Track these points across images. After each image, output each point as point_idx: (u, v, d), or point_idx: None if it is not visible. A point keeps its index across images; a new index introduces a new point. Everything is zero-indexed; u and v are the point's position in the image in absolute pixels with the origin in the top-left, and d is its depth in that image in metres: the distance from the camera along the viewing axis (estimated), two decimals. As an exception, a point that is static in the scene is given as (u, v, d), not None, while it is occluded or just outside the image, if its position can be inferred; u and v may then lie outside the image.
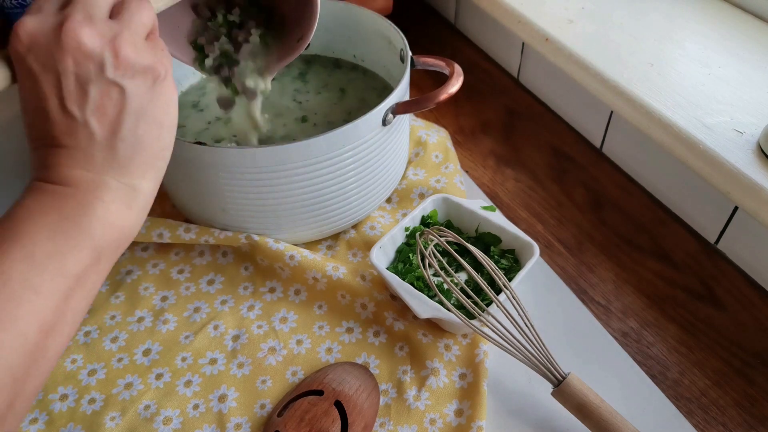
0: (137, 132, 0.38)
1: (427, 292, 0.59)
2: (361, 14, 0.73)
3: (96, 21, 0.36)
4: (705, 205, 0.68)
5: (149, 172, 0.40)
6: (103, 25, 0.36)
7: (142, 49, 0.38)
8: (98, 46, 0.36)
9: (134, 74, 0.37)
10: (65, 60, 0.36)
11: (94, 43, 0.36)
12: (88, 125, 0.37)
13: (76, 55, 0.36)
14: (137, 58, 0.37)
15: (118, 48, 0.36)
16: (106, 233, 0.38)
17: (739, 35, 0.75)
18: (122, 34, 0.37)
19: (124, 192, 0.39)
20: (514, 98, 0.89)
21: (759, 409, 0.55)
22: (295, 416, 0.51)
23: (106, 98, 0.37)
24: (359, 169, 0.61)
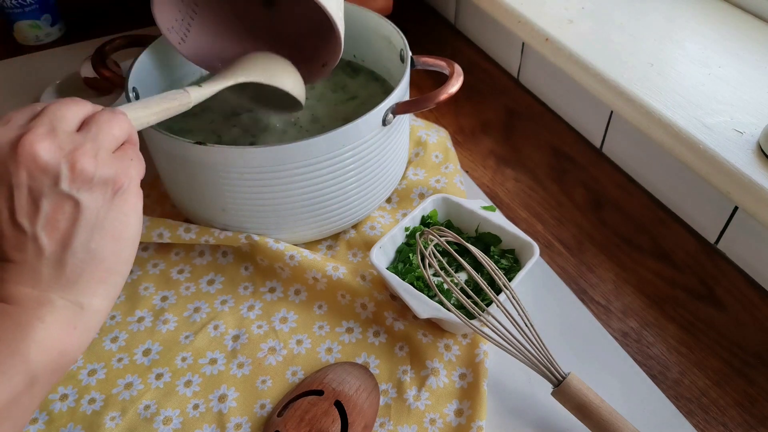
0: (90, 246, 0.37)
1: (427, 292, 0.59)
2: (361, 14, 0.73)
3: (58, 133, 0.36)
4: (705, 205, 0.68)
5: (101, 288, 0.38)
6: (64, 138, 0.36)
7: (104, 160, 0.37)
8: (54, 159, 0.35)
9: (91, 187, 0.36)
10: (19, 172, 0.35)
11: (50, 156, 0.35)
12: (38, 239, 0.36)
13: (30, 168, 0.35)
14: (96, 170, 0.36)
15: (75, 160, 0.35)
16: (44, 357, 0.36)
17: (739, 35, 0.75)
18: (83, 147, 0.36)
19: (70, 311, 0.37)
20: (514, 98, 0.90)
21: (759, 409, 0.55)
22: (295, 416, 0.51)
23: (59, 212, 0.36)
24: (359, 169, 0.61)
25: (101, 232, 0.37)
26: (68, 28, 1.03)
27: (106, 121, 0.38)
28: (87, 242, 0.37)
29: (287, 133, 0.69)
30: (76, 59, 0.88)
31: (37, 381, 0.35)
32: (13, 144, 0.35)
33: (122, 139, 0.39)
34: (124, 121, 0.39)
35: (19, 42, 0.99)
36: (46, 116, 0.36)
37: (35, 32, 0.98)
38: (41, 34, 0.98)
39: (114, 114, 0.39)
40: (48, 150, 0.35)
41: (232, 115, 0.71)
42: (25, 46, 0.99)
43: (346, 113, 0.71)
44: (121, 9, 1.08)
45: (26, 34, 0.98)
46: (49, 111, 0.37)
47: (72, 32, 1.03)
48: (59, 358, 0.36)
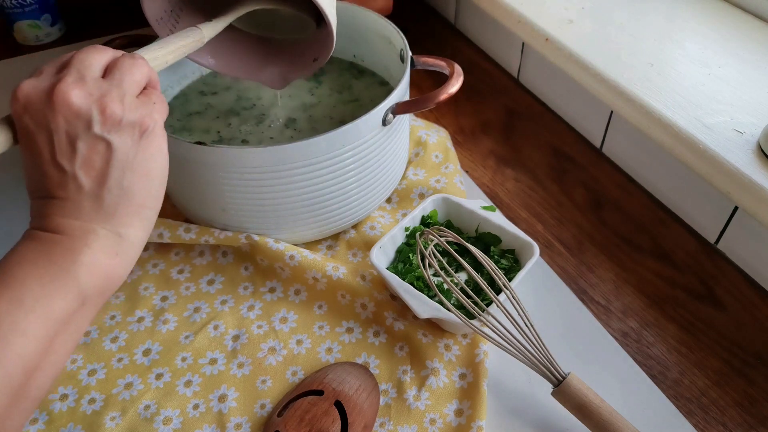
0: (123, 183, 0.41)
1: (427, 292, 0.59)
2: (361, 14, 0.73)
3: (87, 81, 0.39)
4: (705, 205, 0.68)
5: (135, 220, 0.42)
6: (92, 85, 0.39)
7: (130, 104, 0.40)
8: (86, 105, 0.39)
9: (120, 129, 0.40)
10: (56, 118, 0.38)
11: (81, 102, 0.39)
12: (77, 178, 0.39)
13: (65, 114, 0.38)
14: (124, 114, 0.40)
15: (104, 105, 0.39)
16: (92, 279, 0.39)
17: (739, 35, 0.75)
18: (110, 93, 0.39)
19: (111, 239, 0.41)
20: (514, 98, 0.89)
21: (759, 409, 0.55)
22: (295, 416, 0.51)
23: (94, 152, 0.39)
24: (359, 169, 0.61)
25: (132, 170, 0.41)
26: (68, 28, 1.03)
27: (129, 68, 0.41)
28: (120, 180, 0.40)
29: (284, 133, 0.69)
30: (76, 59, 0.88)
31: (87, 301, 0.39)
32: (48, 93, 0.38)
33: (144, 83, 0.42)
34: (144, 65, 0.42)
35: (19, 42, 0.99)
36: (74, 66, 0.40)
37: (35, 32, 0.98)
38: (41, 34, 0.98)
39: (134, 60, 0.42)
40: (79, 96, 0.39)
41: (231, 114, 0.71)
42: (25, 46, 0.99)
43: (343, 115, 0.71)
44: (121, 9, 1.08)
45: (26, 34, 0.98)
46: (76, 60, 0.40)
47: (72, 32, 1.03)
48: (105, 281, 0.40)
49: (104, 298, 0.41)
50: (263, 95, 0.74)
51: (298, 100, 0.73)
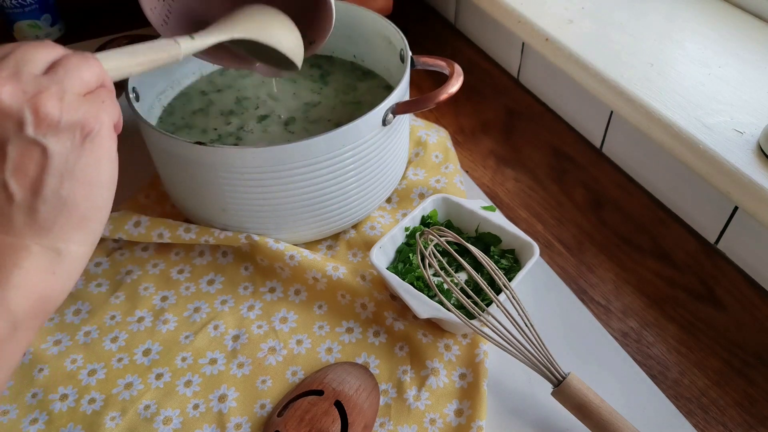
0: (61, 193, 0.36)
1: (427, 292, 0.59)
2: (361, 14, 0.73)
3: (21, 77, 0.34)
4: (705, 205, 0.68)
5: (77, 234, 0.37)
6: (28, 81, 0.34)
7: (71, 104, 0.35)
8: (16, 103, 0.34)
9: (58, 132, 0.35)
10: None
11: (11, 99, 0.33)
12: (8, 186, 0.35)
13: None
14: (63, 114, 0.35)
15: (39, 104, 0.34)
16: (25, 302, 0.35)
17: (739, 35, 0.75)
18: (48, 90, 0.34)
19: (47, 257, 0.36)
20: (514, 98, 0.90)
21: (759, 409, 0.55)
22: (295, 416, 0.51)
23: (26, 158, 0.35)
24: (359, 169, 0.61)
25: (72, 178, 0.36)
26: (68, 28, 1.03)
27: (75, 64, 0.36)
28: (57, 189, 0.36)
29: (283, 134, 0.69)
30: (76, 59, 0.88)
31: (19, 326, 0.35)
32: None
33: (93, 83, 0.37)
34: (96, 65, 0.37)
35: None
36: (12, 58, 0.35)
37: (35, 32, 0.98)
38: (41, 34, 0.98)
39: (84, 57, 0.37)
40: (9, 94, 0.33)
41: (230, 114, 0.71)
42: (25, 46, 0.99)
43: (341, 117, 0.71)
44: (121, 9, 1.08)
45: (26, 34, 0.98)
46: (16, 53, 0.35)
47: (72, 32, 1.03)
48: (40, 303, 0.36)
49: (42, 320, 0.37)
50: (261, 94, 0.74)
51: (300, 100, 0.73)
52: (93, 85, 0.37)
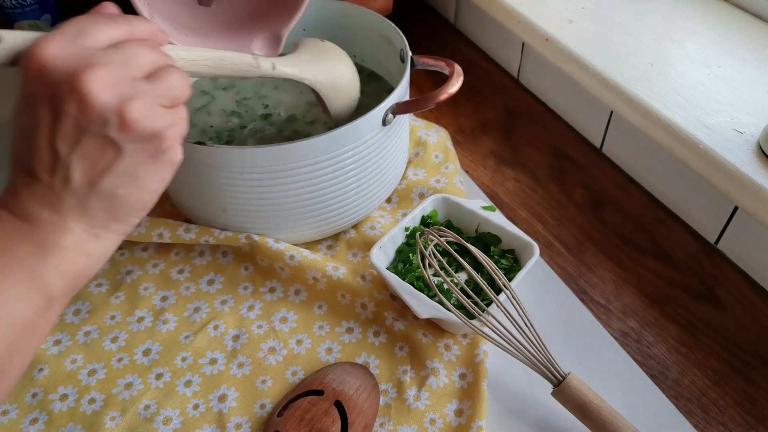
0: (117, 191, 0.37)
1: (427, 292, 0.59)
2: (361, 14, 0.73)
3: (121, 78, 0.35)
4: (705, 205, 0.68)
5: (117, 225, 0.38)
6: (125, 84, 0.35)
7: (157, 116, 0.36)
8: (110, 104, 0.34)
9: (137, 139, 0.36)
10: (69, 104, 0.34)
11: (107, 99, 0.34)
12: (69, 168, 0.35)
13: (83, 104, 0.34)
14: (146, 124, 0.36)
15: (128, 111, 0.35)
16: (61, 281, 0.36)
17: (739, 35, 0.75)
18: (141, 98, 0.35)
19: (87, 239, 0.37)
20: (514, 98, 0.89)
21: (759, 409, 0.55)
22: (295, 416, 0.51)
23: (99, 152, 0.35)
24: (359, 169, 0.61)
25: (133, 181, 0.37)
26: (68, 28, 1.03)
27: (175, 80, 0.37)
28: (115, 187, 0.37)
29: (282, 134, 0.69)
30: (76, 59, 0.88)
31: (54, 302, 0.37)
32: (75, 72, 0.33)
33: (180, 99, 0.38)
34: (186, 81, 0.39)
35: (19, 42, 0.99)
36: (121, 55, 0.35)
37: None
38: (41, 34, 0.98)
39: (183, 77, 0.38)
40: (104, 93, 0.34)
41: (231, 114, 0.71)
42: (25, 46, 0.99)
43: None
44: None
45: (26, 34, 0.97)
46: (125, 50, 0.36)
47: (72, 32, 1.03)
48: (74, 281, 0.37)
49: (71, 296, 0.38)
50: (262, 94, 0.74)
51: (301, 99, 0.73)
52: (179, 101, 0.38)
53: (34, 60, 0.34)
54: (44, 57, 0.33)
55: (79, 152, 0.35)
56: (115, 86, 0.34)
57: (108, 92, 0.34)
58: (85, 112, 0.34)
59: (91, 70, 0.33)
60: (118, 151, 0.36)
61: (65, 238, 0.36)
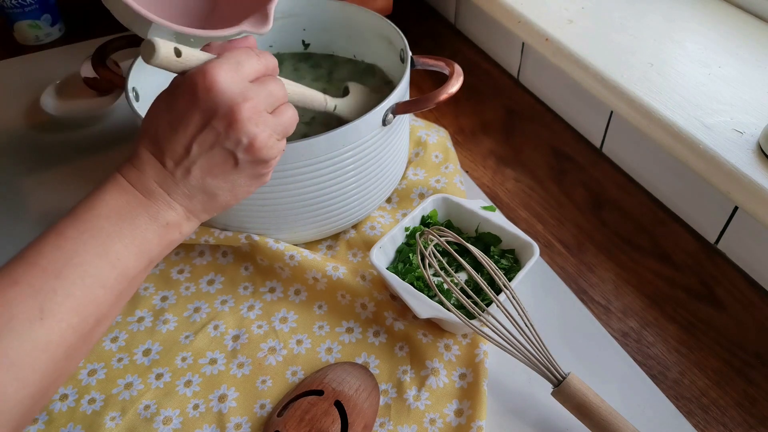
0: (217, 192, 0.45)
1: (427, 292, 0.59)
2: (361, 14, 0.73)
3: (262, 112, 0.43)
4: (705, 205, 0.68)
5: (204, 215, 0.46)
6: (262, 119, 0.43)
7: (273, 146, 0.45)
8: (247, 131, 0.42)
9: (253, 161, 0.44)
10: (220, 123, 0.42)
11: (247, 128, 0.42)
12: (193, 166, 0.43)
13: (229, 126, 0.42)
14: (265, 153, 0.44)
15: (257, 138, 0.43)
16: (161, 247, 0.44)
17: (739, 35, 0.75)
18: (268, 132, 0.44)
19: (183, 220, 0.45)
20: (514, 98, 0.89)
21: (759, 409, 0.55)
22: (295, 416, 0.51)
23: (221, 162, 0.43)
24: (359, 169, 0.61)
25: (231, 189, 0.46)
26: (68, 28, 1.03)
27: (290, 115, 0.46)
28: (217, 189, 0.45)
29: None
30: (76, 59, 0.88)
31: (152, 263, 0.44)
32: (235, 101, 0.42)
33: (290, 133, 0.47)
34: (295, 113, 0.47)
35: (19, 42, 0.99)
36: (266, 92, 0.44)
37: (35, 32, 0.98)
38: (41, 34, 0.98)
39: (294, 112, 0.47)
40: (249, 124, 0.42)
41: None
42: (25, 46, 0.99)
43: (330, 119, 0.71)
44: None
45: (26, 34, 0.98)
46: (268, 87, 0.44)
47: (72, 32, 1.03)
48: (167, 249, 0.45)
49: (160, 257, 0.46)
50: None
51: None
52: (289, 134, 0.47)
53: (207, 79, 0.41)
54: (215, 79, 0.41)
55: (206, 157, 0.43)
56: (258, 118, 0.43)
57: (252, 122, 0.42)
58: (229, 132, 0.42)
59: (245, 103, 0.42)
60: (236, 165, 0.44)
61: (171, 216, 0.44)
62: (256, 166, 0.45)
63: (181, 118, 0.42)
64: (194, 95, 0.42)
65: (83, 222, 0.41)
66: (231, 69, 0.42)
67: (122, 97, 0.79)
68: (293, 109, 0.47)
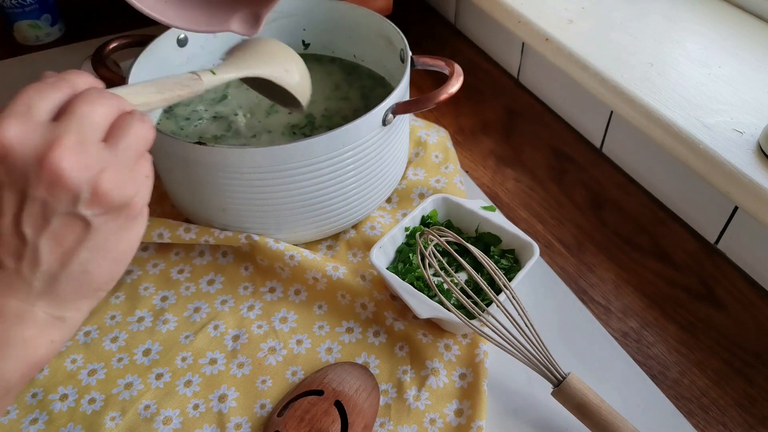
0: (87, 267, 0.36)
1: (427, 292, 0.59)
2: (361, 14, 0.73)
3: (87, 148, 0.33)
4: (705, 205, 0.68)
5: (84, 303, 0.37)
6: (92, 155, 0.33)
7: (126, 182, 0.35)
8: (79, 180, 0.33)
9: (107, 211, 0.34)
10: (38, 188, 0.32)
11: (76, 177, 0.32)
12: (38, 251, 0.34)
13: (52, 186, 0.32)
14: (117, 195, 0.34)
15: (99, 184, 0.33)
16: (20, 370, 0.35)
17: (739, 35, 0.75)
18: (110, 169, 0.34)
19: (51, 325, 0.36)
20: (514, 98, 0.89)
21: (759, 409, 0.55)
22: (295, 416, 0.51)
23: (68, 230, 0.34)
24: (359, 169, 0.61)
25: (103, 254, 0.36)
26: (68, 28, 1.03)
27: (135, 135, 0.35)
28: (86, 262, 0.35)
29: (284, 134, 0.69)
30: (76, 59, 0.88)
31: (10, 391, 0.35)
32: (39, 157, 0.32)
33: (146, 148, 0.37)
34: (151, 131, 0.37)
35: (19, 42, 0.99)
36: (76, 121, 0.33)
37: (35, 32, 0.98)
38: (41, 34, 0.98)
39: (143, 124, 0.36)
40: (76, 170, 0.32)
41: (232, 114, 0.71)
42: (25, 46, 0.99)
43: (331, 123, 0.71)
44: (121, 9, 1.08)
45: (26, 34, 0.98)
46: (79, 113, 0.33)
47: (72, 32, 1.03)
48: (33, 369, 0.36)
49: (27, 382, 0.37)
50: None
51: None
52: (145, 149, 0.36)
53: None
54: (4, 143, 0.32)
55: (47, 234, 0.34)
56: (82, 160, 0.33)
57: (78, 170, 0.33)
58: (55, 193, 0.33)
59: (55, 148, 0.32)
60: (88, 226, 0.34)
61: (29, 330, 0.35)
62: (115, 214, 0.35)
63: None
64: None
65: None
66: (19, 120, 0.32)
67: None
68: (137, 119, 0.36)
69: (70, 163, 0.32)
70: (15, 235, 0.34)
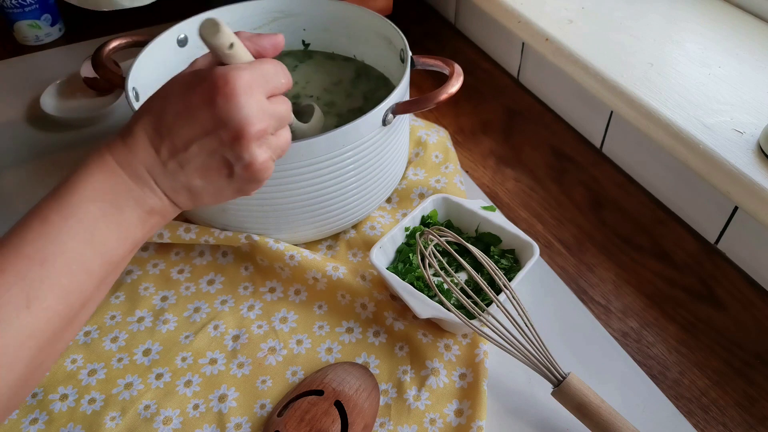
0: (202, 193, 0.44)
1: (427, 292, 0.59)
2: (361, 14, 0.73)
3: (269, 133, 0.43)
4: (705, 205, 0.68)
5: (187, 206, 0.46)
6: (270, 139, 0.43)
7: (268, 168, 0.44)
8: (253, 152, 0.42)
9: (247, 179, 0.43)
10: (228, 134, 0.41)
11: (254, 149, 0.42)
12: (187, 163, 0.42)
13: (236, 142, 0.41)
14: (261, 174, 0.43)
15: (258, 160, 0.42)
16: (145, 232, 0.44)
17: (739, 35, 0.76)
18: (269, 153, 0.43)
19: (169, 206, 0.44)
20: (514, 98, 0.90)
21: (759, 409, 0.55)
22: (295, 416, 0.51)
23: (215, 168, 0.42)
24: (359, 169, 0.61)
25: (216, 193, 0.45)
26: (68, 28, 1.03)
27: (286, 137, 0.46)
28: (202, 190, 0.44)
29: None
30: (76, 59, 0.88)
31: (135, 247, 0.44)
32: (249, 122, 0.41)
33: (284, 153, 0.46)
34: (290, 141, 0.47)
35: (19, 42, 0.99)
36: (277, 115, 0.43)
37: (35, 32, 0.98)
38: (41, 34, 0.98)
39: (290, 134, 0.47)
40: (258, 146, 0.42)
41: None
42: (25, 46, 0.99)
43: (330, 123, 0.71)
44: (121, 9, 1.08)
45: (26, 34, 0.98)
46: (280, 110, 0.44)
47: (72, 32, 1.03)
48: (150, 233, 0.45)
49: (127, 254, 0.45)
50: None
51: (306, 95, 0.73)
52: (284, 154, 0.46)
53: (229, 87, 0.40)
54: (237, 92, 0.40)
55: (203, 160, 0.42)
56: (263, 140, 0.42)
57: (257, 144, 0.42)
58: (234, 146, 0.41)
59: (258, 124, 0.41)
60: (230, 176, 0.43)
61: (156, 203, 0.43)
62: (249, 183, 0.44)
63: (191, 113, 0.41)
64: (212, 98, 0.40)
65: (68, 206, 0.40)
66: (255, 84, 0.41)
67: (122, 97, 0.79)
68: (289, 131, 0.46)
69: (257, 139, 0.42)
70: (185, 143, 0.41)
